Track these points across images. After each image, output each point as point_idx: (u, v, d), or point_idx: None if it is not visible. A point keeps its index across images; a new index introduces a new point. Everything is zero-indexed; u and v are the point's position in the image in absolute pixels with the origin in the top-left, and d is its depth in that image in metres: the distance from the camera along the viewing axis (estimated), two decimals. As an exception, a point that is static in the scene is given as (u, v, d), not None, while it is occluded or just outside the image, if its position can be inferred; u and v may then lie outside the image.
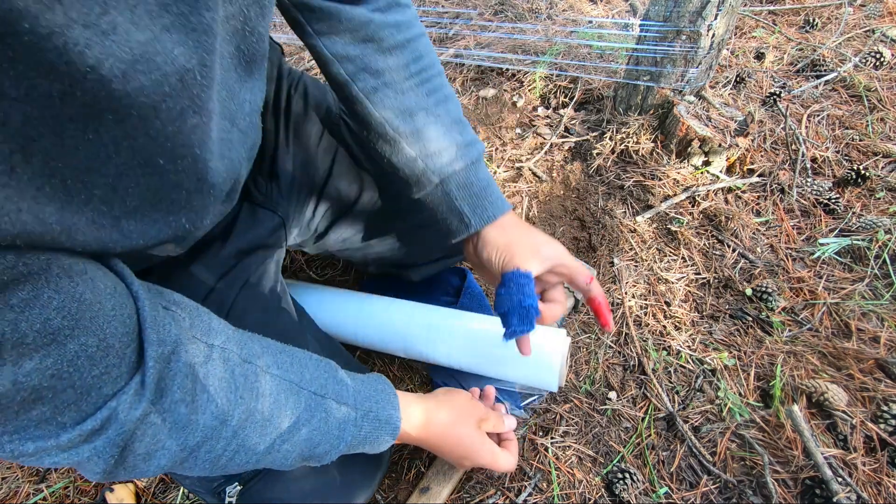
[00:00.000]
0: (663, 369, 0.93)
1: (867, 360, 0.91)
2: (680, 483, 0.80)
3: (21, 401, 0.28)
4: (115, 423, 0.33)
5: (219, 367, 0.40)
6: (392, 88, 0.56)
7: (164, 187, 0.34)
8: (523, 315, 0.56)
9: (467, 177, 0.59)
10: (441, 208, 0.61)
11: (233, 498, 0.60)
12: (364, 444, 0.53)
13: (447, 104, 0.59)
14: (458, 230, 0.61)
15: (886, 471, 0.78)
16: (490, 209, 0.59)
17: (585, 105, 1.47)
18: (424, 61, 0.58)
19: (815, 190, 1.20)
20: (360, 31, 0.54)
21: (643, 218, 1.17)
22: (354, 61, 0.54)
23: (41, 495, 0.85)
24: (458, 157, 0.59)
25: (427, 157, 0.58)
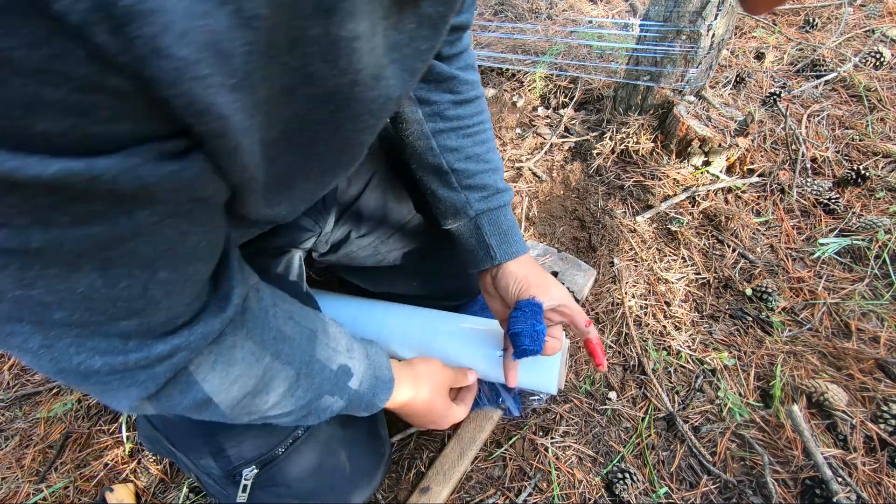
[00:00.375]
0: (663, 369, 0.93)
1: (867, 360, 0.91)
2: (680, 483, 0.80)
3: (113, 309, 0.29)
4: (180, 353, 0.35)
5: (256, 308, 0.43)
6: (456, 133, 0.68)
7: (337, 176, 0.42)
8: (535, 337, 0.63)
9: (498, 216, 0.69)
10: (470, 240, 0.71)
11: (248, 481, 0.61)
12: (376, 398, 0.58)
13: (493, 154, 0.72)
14: (482, 261, 0.70)
15: (886, 471, 0.78)
16: (514, 247, 0.69)
17: (585, 105, 1.47)
18: (483, 116, 0.71)
19: (815, 190, 1.20)
20: (444, 84, 0.66)
21: (643, 218, 1.17)
22: (433, 106, 0.67)
23: (41, 495, 0.85)
24: (494, 199, 0.69)
25: (469, 193, 0.69)
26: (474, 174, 0.69)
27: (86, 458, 0.89)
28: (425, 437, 0.87)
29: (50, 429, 0.93)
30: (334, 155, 0.37)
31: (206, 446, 0.62)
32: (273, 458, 0.62)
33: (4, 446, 0.92)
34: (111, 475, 0.87)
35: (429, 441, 0.86)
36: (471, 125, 0.70)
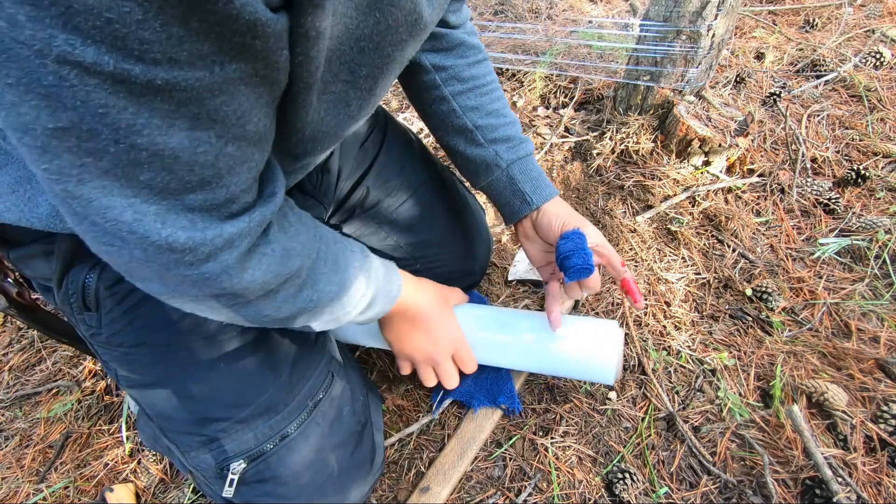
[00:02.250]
0: (663, 369, 0.93)
1: (867, 360, 0.91)
2: (680, 483, 0.80)
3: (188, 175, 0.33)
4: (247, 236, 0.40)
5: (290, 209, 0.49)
6: (473, 93, 0.73)
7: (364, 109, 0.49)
8: (585, 257, 0.65)
9: (527, 164, 0.74)
10: (505, 192, 0.74)
11: (236, 475, 0.62)
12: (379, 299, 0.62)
13: (508, 109, 0.76)
14: (520, 209, 0.74)
15: (886, 471, 0.78)
16: (547, 190, 0.73)
17: (585, 105, 1.47)
18: (492, 75, 0.76)
19: (815, 190, 1.20)
20: (454, 50, 0.72)
21: (643, 218, 1.17)
22: (448, 70, 0.72)
23: (41, 495, 0.85)
24: (520, 148, 0.74)
25: (496, 146, 0.73)
26: (497, 127, 0.73)
27: (86, 458, 0.89)
28: (425, 437, 0.87)
29: (50, 429, 0.93)
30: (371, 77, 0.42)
31: (199, 437, 0.62)
32: (261, 454, 0.62)
33: (4, 446, 0.92)
34: (111, 475, 0.87)
35: (429, 441, 0.86)
36: (485, 83, 0.74)
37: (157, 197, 0.33)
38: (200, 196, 0.35)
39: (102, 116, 0.27)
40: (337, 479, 0.67)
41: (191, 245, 0.36)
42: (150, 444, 0.78)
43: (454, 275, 0.91)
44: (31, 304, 0.66)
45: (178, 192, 0.34)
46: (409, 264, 0.88)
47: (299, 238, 0.48)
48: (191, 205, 0.35)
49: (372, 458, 0.72)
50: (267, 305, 0.47)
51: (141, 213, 0.33)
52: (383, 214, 0.84)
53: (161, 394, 0.62)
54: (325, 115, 0.45)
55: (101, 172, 0.30)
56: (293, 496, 0.63)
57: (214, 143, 0.33)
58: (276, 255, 0.44)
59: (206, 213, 0.37)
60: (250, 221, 0.40)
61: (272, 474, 0.63)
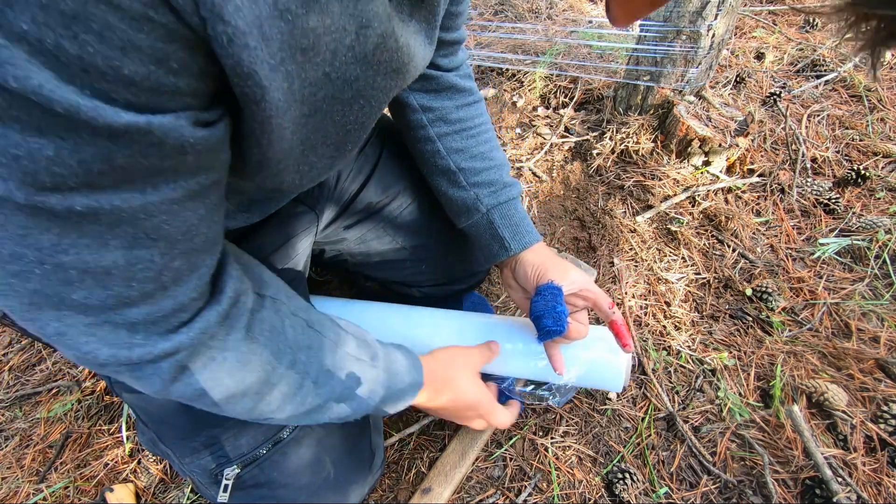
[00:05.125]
0: (663, 369, 0.93)
1: (867, 360, 0.91)
2: (680, 483, 0.80)
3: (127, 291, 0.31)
4: (184, 349, 0.36)
5: (272, 315, 0.44)
6: (459, 135, 0.72)
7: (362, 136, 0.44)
8: (556, 318, 0.63)
9: (509, 209, 0.72)
10: (485, 235, 0.73)
11: (230, 481, 0.62)
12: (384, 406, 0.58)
13: (497, 152, 0.75)
14: (498, 254, 0.72)
15: (886, 471, 0.78)
16: (527, 237, 0.71)
17: (585, 105, 1.47)
18: (483, 118, 0.75)
19: (815, 190, 1.20)
20: (444, 91, 0.71)
21: (643, 218, 1.17)
22: (435, 111, 0.71)
23: (41, 495, 0.85)
24: (502, 193, 0.72)
25: (478, 190, 0.72)
26: (480, 171, 0.72)
27: (86, 458, 0.89)
28: (425, 437, 0.87)
29: (50, 429, 0.93)
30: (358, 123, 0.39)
31: (192, 443, 0.62)
32: (255, 459, 0.62)
33: (4, 446, 0.92)
34: (111, 475, 0.87)
35: (429, 441, 0.86)
36: (473, 126, 0.73)
37: (91, 312, 0.31)
38: (143, 310, 0.33)
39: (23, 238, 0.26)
40: (334, 481, 0.67)
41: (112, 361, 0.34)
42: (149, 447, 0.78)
43: (458, 276, 0.91)
44: None
45: (115, 307, 0.31)
46: (414, 266, 0.87)
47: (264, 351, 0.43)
48: (132, 319, 0.33)
49: (371, 459, 0.72)
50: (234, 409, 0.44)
51: (67, 326, 0.31)
52: (387, 219, 0.83)
53: (154, 400, 0.62)
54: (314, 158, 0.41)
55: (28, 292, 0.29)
56: (289, 499, 0.63)
57: (158, 259, 0.31)
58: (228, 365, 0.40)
59: (149, 325, 0.34)
60: (189, 331, 0.36)
61: (266, 479, 0.63)
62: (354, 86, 0.33)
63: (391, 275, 0.89)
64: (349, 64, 0.31)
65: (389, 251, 0.86)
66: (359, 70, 0.33)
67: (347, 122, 0.36)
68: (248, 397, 0.43)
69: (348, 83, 0.33)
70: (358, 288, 1.05)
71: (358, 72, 0.33)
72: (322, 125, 0.34)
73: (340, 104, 0.34)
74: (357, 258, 0.87)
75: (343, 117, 0.35)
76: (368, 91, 0.36)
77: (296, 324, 0.47)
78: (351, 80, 0.33)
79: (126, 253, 0.29)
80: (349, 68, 0.32)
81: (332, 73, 0.31)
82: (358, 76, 0.33)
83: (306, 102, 0.30)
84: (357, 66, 0.32)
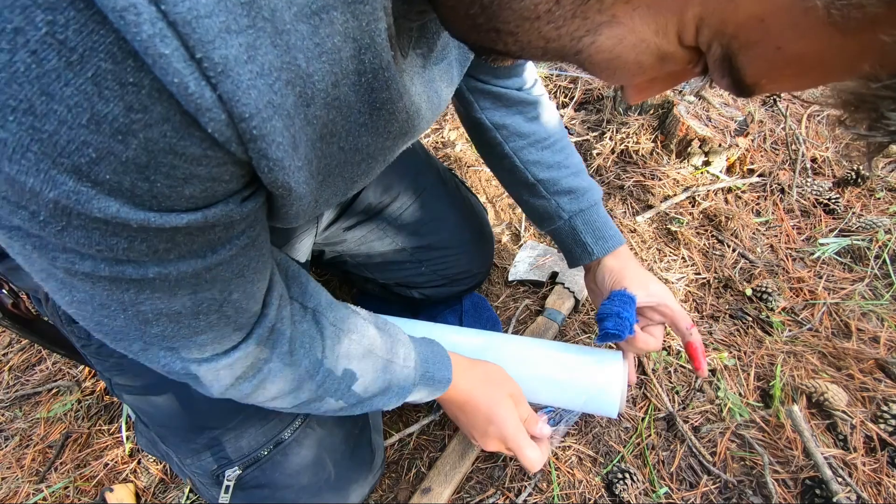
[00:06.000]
0: (663, 369, 0.93)
1: (867, 360, 0.91)
2: (680, 483, 0.80)
3: (196, 324, 0.37)
4: (240, 363, 0.42)
5: (311, 327, 0.49)
6: (535, 147, 0.74)
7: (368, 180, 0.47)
8: (618, 323, 0.64)
9: (591, 215, 0.73)
10: (567, 240, 0.75)
11: (231, 482, 0.62)
12: (418, 398, 0.61)
13: (573, 157, 0.76)
14: (581, 258, 0.74)
15: (886, 471, 0.78)
16: (610, 242, 0.72)
17: (585, 105, 1.47)
18: (553, 127, 0.76)
19: (815, 190, 1.20)
20: (515, 107, 0.72)
21: (643, 218, 1.17)
22: (508, 128, 0.73)
23: (41, 495, 0.85)
24: (583, 200, 0.74)
25: (558, 198, 0.74)
26: (559, 180, 0.74)
27: (86, 458, 0.89)
28: (425, 437, 0.87)
29: (50, 429, 0.93)
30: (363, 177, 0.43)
31: (193, 444, 0.62)
32: (257, 460, 0.62)
33: (4, 446, 0.92)
34: (111, 475, 0.87)
35: (429, 441, 0.86)
36: (547, 136, 0.74)
37: (168, 340, 0.37)
38: (209, 335, 0.39)
39: (108, 295, 0.32)
40: (335, 481, 0.67)
41: (183, 372, 0.40)
42: (148, 449, 0.78)
43: (460, 276, 0.91)
44: (26, 316, 0.65)
45: (187, 336, 0.38)
46: (414, 267, 0.87)
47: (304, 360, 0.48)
48: (200, 343, 0.39)
49: (371, 459, 0.72)
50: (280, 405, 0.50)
51: (149, 347, 0.38)
52: (388, 219, 0.84)
53: (155, 401, 0.62)
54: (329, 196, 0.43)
55: (118, 328, 0.35)
56: (291, 500, 0.63)
57: (218, 297, 0.36)
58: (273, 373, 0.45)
59: (214, 345, 0.40)
60: (247, 347, 0.42)
61: (268, 480, 0.63)
62: (364, 151, 0.36)
63: (391, 276, 0.89)
64: (361, 136, 0.34)
65: (390, 252, 0.86)
66: (370, 139, 0.35)
67: (355, 177, 0.39)
68: (290, 397, 0.49)
69: (359, 150, 0.35)
70: (358, 289, 1.05)
71: (369, 140, 0.35)
72: (333, 184, 0.36)
73: (350, 166, 0.36)
74: (357, 259, 0.87)
75: (351, 174, 0.38)
76: (377, 153, 0.38)
77: (333, 334, 0.51)
78: (361, 148, 0.35)
79: (192, 297, 0.34)
80: (360, 140, 0.34)
81: (346, 147, 0.33)
82: (368, 143, 0.35)
83: (321, 173, 0.33)
84: (368, 136, 0.35)
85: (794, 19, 0.21)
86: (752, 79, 0.25)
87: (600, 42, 0.26)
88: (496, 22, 0.27)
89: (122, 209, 0.25)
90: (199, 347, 0.39)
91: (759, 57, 0.24)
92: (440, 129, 1.40)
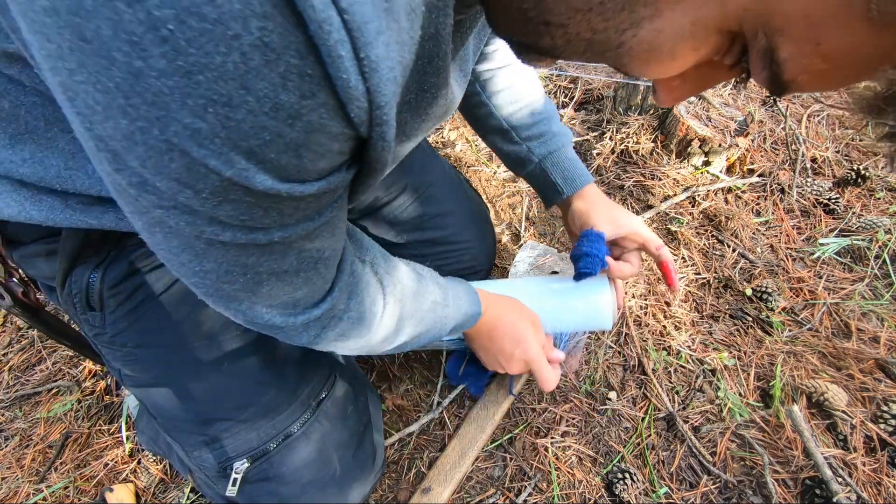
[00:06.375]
0: (663, 369, 0.93)
1: (867, 360, 0.91)
2: (680, 483, 0.80)
3: (297, 281, 0.41)
4: (328, 313, 0.47)
5: (372, 279, 0.53)
6: (509, 95, 0.78)
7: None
8: (587, 262, 0.71)
9: (559, 157, 0.79)
10: (540, 182, 0.81)
11: (239, 474, 0.62)
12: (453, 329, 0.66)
13: (546, 105, 0.81)
14: (553, 198, 0.80)
15: (886, 471, 0.78)
16: (578, 181, 0.78)
17: (585, 105, 1.47)
18: (526, 74, 0.80)
19: (815, 190, 1.20)
20: (498, 61, 0.77)
21: (643, 218, 1.17)
22: (487, 78, 0.78)
23: (41, 495, 0.85)
24: (551, 142, 0.79)
25: (529, 143, 0.79)
26: (531, 125, 0.79)
27: (86, 458, 0.89)
28: (425, 437, 0.87)
29: (50, 429, 0.93)
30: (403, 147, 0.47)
31: (202, 437, 0.62)
32: (265, 453, 0.62)
33: (4, 446, 0.92)
34: (111, 475, 0.87)
35: (429, 441, 0.86)
36: (522, 87, 0.79)
37: (273, 297, 0.42)
38: (305, 290, 0.43)
39: (235, 261, 0.36)
40: (339, 478, 0.67)
41: (282, 325, 0.45)
42: (149, 446, 0.78)
43: (463, 271, 0.91)
44: (35, 305, 0.66)
45: (289, 292, 0.42)
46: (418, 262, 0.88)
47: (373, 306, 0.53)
48: (297, 298, 0.44)
49: (373, 457, 0.73)
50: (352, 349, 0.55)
51: (254, 305, 0.42)
52: (393, 214, 0.85)
53: (164, 393, 0.62)
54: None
55: (232, 290, 0.40)
56: (295, 495, 0.63)
57: (315, 254, 0.41)
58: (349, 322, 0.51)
59: (308, 299, 0.45)
60: (332, 300, 0.47)
61: (275, 473, 0.63)
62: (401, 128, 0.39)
63: None
64: (403, 113, 0.37)
65: (393, 246, 0.86)
66: (409, 116, 0.38)
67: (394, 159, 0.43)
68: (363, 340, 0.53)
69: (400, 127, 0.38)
70: None
71: (408, 117, 0.38)
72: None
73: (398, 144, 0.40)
74: None
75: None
76: (411, 133, 0.41)
77: (389, 283, 0.56)
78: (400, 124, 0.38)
79: (297, 255, 0.39)
80: (401, 116, 0.37)
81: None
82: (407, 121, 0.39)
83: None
84: (409, 113, 0.38)
85: (836, 12, 0.22)
86: (791, 74, 0.25)
87: (641, 35, 0.27)
88: (548, 14, 0.28)
89: (275, 183, 0.29)
90: (295, 303, 0.44)
91: (800, 52, 0.24)
92: (440, 129, 1.40)
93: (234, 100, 0.24)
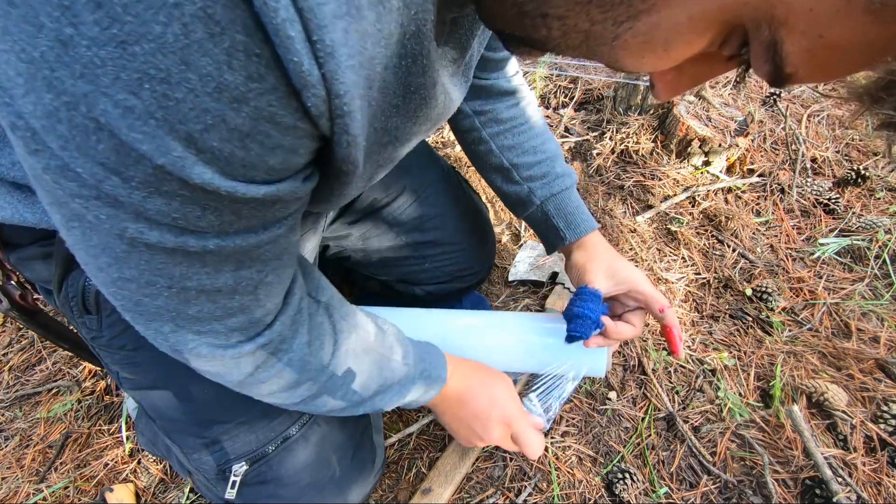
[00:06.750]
0: (663, 369, 0.93)
1: (867, 360, 0.91)
2: (680, 483, 0.80)
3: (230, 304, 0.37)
4: (261, 351, 0.43)
5: (325, 321, 0.49)
6: (511, 132, 0.74)
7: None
8: (579, 324, 0.65)
9: (562, 200, 0.74)
10: (541, 226, 0.76)
11: (238, 477, 0.62)
12: (416, 397, 0.61)
13: (549, 144, 0.77)
14: (555, 243, 0.76)
15: (886, 471, 0.78)
16: (581, 226, 0.73)
17: (585, 105, 1.47)
18: (531, 112, 0.77)
19: (815, 190, 1.20)
20: (495, 94, 0.73)
21: (643, 218, 1.17)
22: (487, 114, 0.74)
23: (41, 495, 0.85)
24: (554, 184, 0.74)
25: (531, 183, 0.75)
26: (533, 165, 0.74)
27: (86, 458, 0.89)
28: (425, 437, 0.87)
29: (50, 429, 0.93)
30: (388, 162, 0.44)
31: (201, 439, 0.62)
32: (263, 456, 0.62)
33: (4, 446, 0.92)
34: (111, 475, 0.87)
35: (429, 442, 0.86)
36: (523, 122, 0.75)
37: (201, 322, 0.38)
38: (240, 318, 0.39)
39: (160, 270, 0.32)
40: (338, 480, 0.67)
41: (209, 356, 0.41)
42: (148, 448, 0.78)
43: (462, 273, 0.91)
44: (33, 308, 0.66)
45: (220, 318, 0.38)
46: (418, 263, 0.88)
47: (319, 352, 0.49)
48: (231, 326, 0.40)
49: (373, 458, 0.73)
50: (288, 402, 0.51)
51: (179, 329, 0.38)
52: (392, 216, 0.84)
53: (163, 395, 0.62)
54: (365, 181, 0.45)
55: (155, 308, 0.36)
56: (294, 497, 0.63)
57: (256, 277, 0.37)
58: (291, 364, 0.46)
59: (242, 330, 0.41)
60: (271, 334, 0.43)
61: (274, 476, 0.63)
62: (392, 133, 0.37)
63: (394, 272, 0.90)
64: (392, 118, 0.35)
65: (393, 247, 0.86)
66: (399, 121, 0.37)
67: (381, 161, 0.40)
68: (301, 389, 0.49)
69: (388, 132, 0.36)
70: (358, 287, 1.05)
71: (398, 122, 0.36)
72: (368, 166, 0.38)
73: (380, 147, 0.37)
74: (360, 255, 0.88)
75: (378, 158, 0.39)
76: (403, 137, 0.39)
77: (343, 328, 0.51)
78: (391, 129, 0.36)
79: (234, 275, 0.36)
80: (391, 121, 0.36)
81: (379, 127, 0.34)
82: (397, 125, 0.37)
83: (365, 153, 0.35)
84: (398, 118, 0.36)
85: (839, 4, 0.22)
86: (793, 67, 0.25)
87: (637, 28, 0.27)
88: (545, 7, 0.28)
89: (215, 177, 0.27)
90: (227, 332, 0.40)
91: (804, 45, 0.24)
92: (440, 129, 1.40)
93: (174, 76, 0.22)
